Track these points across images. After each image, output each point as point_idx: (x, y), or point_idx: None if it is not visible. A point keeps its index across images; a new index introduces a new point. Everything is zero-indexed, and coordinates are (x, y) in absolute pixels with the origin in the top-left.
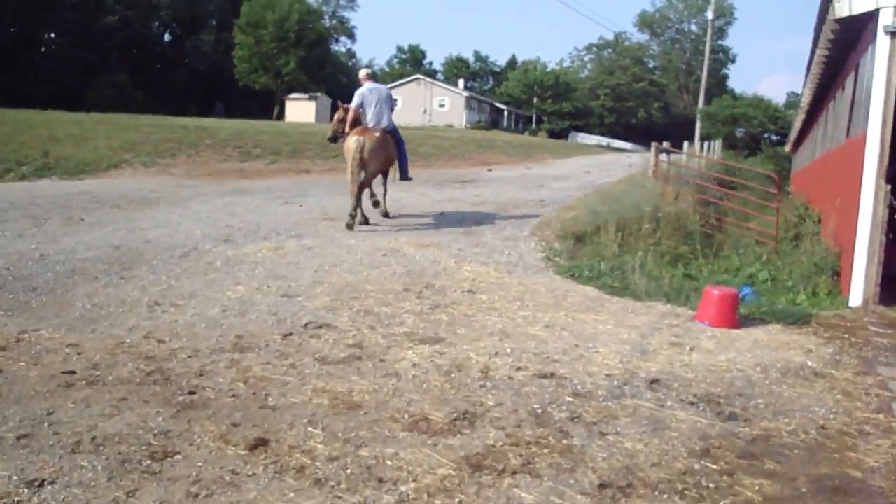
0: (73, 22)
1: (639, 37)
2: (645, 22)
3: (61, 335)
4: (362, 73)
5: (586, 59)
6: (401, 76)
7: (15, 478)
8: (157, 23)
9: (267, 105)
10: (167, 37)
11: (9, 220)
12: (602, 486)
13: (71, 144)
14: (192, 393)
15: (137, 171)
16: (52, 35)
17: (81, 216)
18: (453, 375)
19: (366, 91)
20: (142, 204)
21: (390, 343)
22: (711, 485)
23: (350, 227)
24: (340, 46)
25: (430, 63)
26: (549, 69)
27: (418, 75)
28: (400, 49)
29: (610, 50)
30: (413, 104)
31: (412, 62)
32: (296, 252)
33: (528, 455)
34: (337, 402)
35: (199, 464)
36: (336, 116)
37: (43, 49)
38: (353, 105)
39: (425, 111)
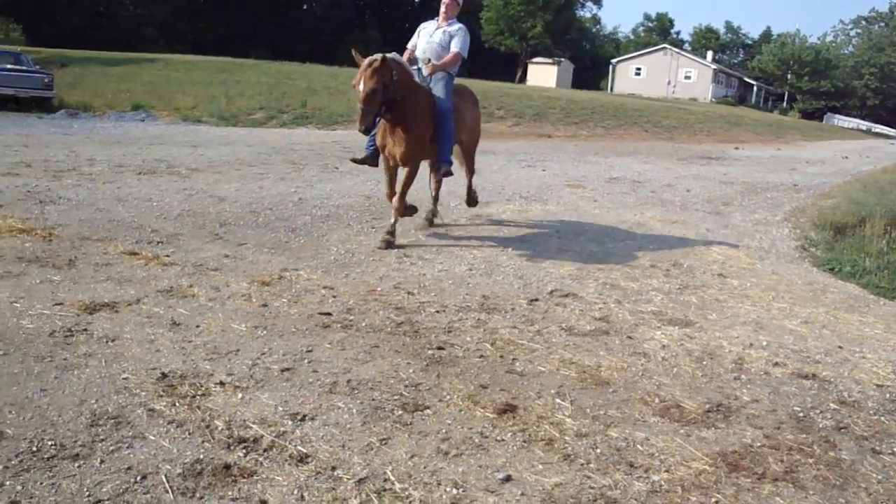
0: None
1: None
2: None
3: (318, 276)
4: None
5: (852, 33)
6: (646, 45)
7: (280, 408)
8: None
9: (508, 68)
10: None
11: (272, 164)
12: None
13: (325, 96)
14: (440, 348)
15: None
16: None
17: (335, 165)
18: (705, 363)
19: None
20: None
21: (638, 321)
22: None
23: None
24: (586, 12)
25: (678, 32)
26: (808, 44)
27: (665, 45)
28: (647, 17)
29: (882, 24)
30: (658, 74)
31: (659, 31)
32: (539, 216)
33: (790, 462)
34: (584, 376)
35: (449, 421)
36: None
37: (305, 7)
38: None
39: (669, 82)
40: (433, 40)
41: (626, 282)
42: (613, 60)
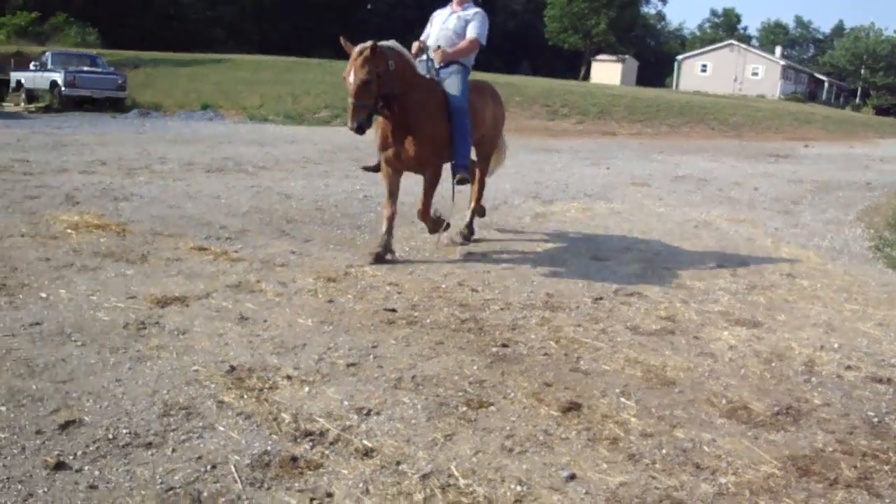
0: None
1: None
2: None
3: (383, 273)
4: None
5: None
6: (712, 41)
7: (346, 403)
8: None
9: (572, 65)
10: None
11: (336, 162)
12: None
13: None
14: (504, 346)
15: None
16: None
17: None
18: (773, 364)
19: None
20: None
21: (704, 321)
22: None
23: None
24: (650, 8)
25: (745, 28)
26: (884, 37)
27: (732, 41)
28: (713, 12)
29: None
30: (724, 71)
31: (725, 27)
32: (604, 215)
33: (863, 468)
34: (650, 376)
35: (513, 419)
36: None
37: (369, 6)
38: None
39: (736, 79)
40: (447, 27)
41: (692, 281)
42: (679, 57)
